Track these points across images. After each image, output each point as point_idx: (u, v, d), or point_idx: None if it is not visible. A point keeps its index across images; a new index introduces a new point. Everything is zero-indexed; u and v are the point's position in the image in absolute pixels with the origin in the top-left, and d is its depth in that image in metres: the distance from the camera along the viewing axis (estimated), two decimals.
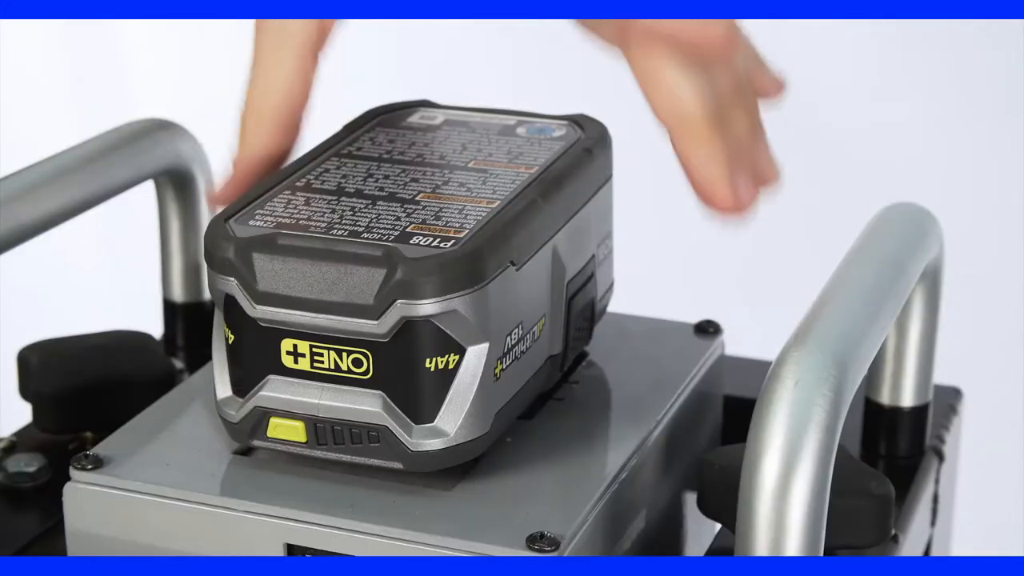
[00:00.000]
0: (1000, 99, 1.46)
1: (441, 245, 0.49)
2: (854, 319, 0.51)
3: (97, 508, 0.52)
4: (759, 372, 0.52)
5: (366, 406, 0.50)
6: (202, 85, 1.49)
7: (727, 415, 0.64)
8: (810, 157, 1.47)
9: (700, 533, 0.61)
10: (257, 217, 0.52)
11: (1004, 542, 1.32)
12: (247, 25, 0.55)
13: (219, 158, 0.72)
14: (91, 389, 0.63)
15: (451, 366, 0.49)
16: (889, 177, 1.43)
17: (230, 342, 0.51)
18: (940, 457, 0.64)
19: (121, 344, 0.66)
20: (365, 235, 0.50)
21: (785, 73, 0.55)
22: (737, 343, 0.67)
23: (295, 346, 0.50)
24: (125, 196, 0.68)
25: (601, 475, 0.52)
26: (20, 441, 0.64)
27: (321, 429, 0.50)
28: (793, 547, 0.46)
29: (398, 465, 0.50)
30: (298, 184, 0.54)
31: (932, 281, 0.62)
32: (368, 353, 0.49)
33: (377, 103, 0.61)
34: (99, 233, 1.46)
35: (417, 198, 0.53)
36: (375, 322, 0.49)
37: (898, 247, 0.57)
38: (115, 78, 1.56)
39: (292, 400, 0.50)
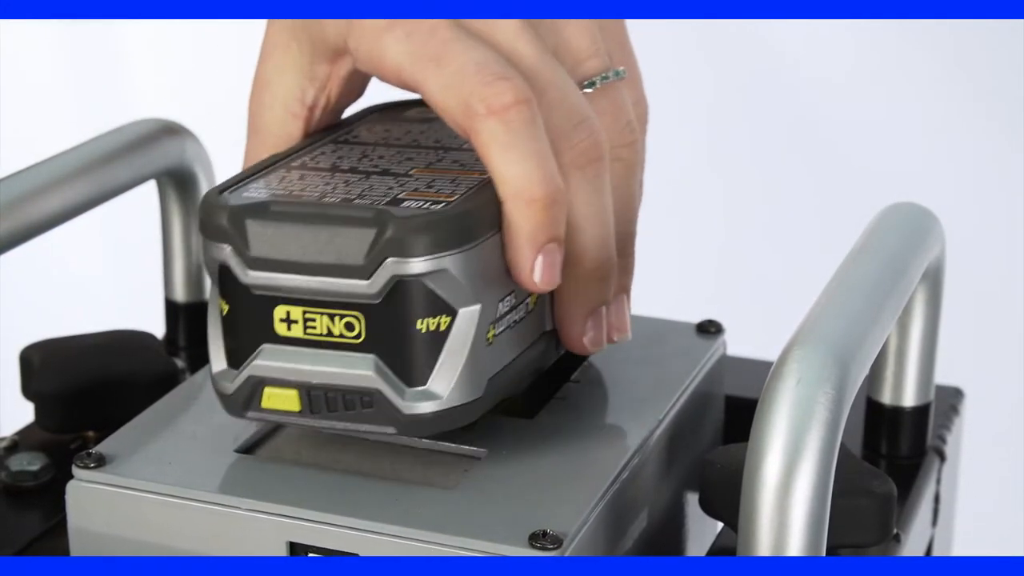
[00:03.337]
0: (1000, 99, 1.46)
1: (432, 207, 0.50)
2: (856, 319, 0.51)
3: (100, 506, 0.52)
4: (761, 372, 0.52)
5: (359, 370, 0.50)
6: (203, 85, 1.49)
7: (728, 415, 0.64)
8: (811, 157, 1.47)
9: (702, 532, 0.62)
10: (252, 189, 0.52)
11: (1005, 542, 1.32)
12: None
13: (220, 158, 0.72)
14: (93, 388, 0.63)
15: (442, 328, 0.50)
16: (890, 177, 1.43)
17: (224, 313, 0.51)
18: (942, 457, 0.64)
19: (123, 344, 0.66)
20: (357, 201, 0.50)
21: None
22: (739, 343, 0.67)
23: (288, 313, 0.50)
24: (126, 196, 0.68)
25: (603, 474, 0.52)
26: (22, 440, 0.64)
27: (315, 397, 0.50)
28: (795, 546, 0.46)
29: (391, 430, 0.50)
30: (293, 164, 0.54)
31: (933, 281, 0.62)
32: (360, 316, 0.49)
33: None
34: (101, 233, 1.46)
35: (410, 172, 0.53)
36: (366, 282, 0.49)
37: (899, 247, 0.57)
38: (115, 78, 1.56)
39: (286, 368, 0.50)
